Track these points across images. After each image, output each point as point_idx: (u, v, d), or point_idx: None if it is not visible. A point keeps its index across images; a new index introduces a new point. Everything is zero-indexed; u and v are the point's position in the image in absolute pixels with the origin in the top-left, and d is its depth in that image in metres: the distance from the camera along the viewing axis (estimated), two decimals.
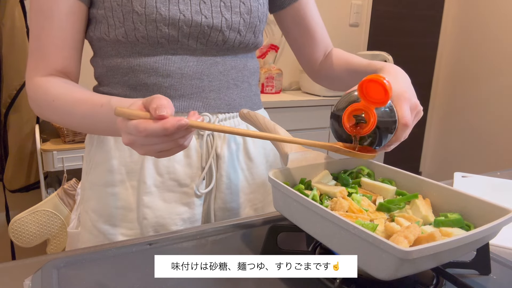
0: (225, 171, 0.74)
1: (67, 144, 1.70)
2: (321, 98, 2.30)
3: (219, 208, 0.76)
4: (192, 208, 0.72)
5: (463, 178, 0.93)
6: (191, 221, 0.73)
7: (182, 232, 0.62)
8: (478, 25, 2.92)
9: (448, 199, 0.52)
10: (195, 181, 0.71)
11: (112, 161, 0.70)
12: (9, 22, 1.67)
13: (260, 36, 0.76)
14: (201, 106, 0.71)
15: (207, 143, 0.72)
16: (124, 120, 0.48)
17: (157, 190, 0.70)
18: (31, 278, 0.49)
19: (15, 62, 1.70)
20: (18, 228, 1.63)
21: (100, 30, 0.67)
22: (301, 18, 0.82)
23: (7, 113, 1.73)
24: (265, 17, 0.76)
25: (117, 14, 0.64)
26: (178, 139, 0.49)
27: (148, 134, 0.46)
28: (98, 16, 0.66)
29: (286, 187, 0.51)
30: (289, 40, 0.87)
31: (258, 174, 0.79)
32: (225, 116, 0.74)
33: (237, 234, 0.62)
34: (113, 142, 0.70)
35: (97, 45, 0.70)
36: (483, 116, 2.92)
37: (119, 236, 0.71)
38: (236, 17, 0.69)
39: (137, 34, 0.64)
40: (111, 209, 0.71)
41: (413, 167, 3.37)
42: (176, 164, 0.70)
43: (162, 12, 0.63)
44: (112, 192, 0.70)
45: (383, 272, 0.40)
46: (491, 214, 0.46)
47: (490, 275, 0.52)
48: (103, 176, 0.71)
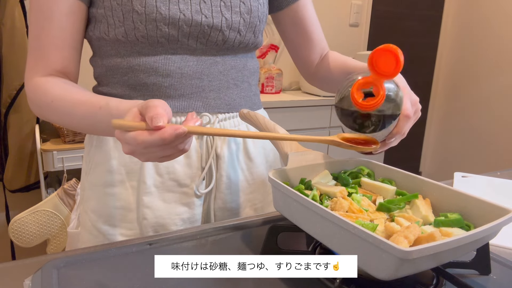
0: (225, 171, 0.74)
1: (67, 144, 1.70)
2: (321, 98, 2.30)
3: (219, 208, 0.76)
4: (192, 208, 0.72)
5: (463, 178, 0.93)
6: (191, 221, 0.73)
7: (182, 232, 0.62)
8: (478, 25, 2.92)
9: (448, 199, 0.52)
10: (195, 181, 0.71)
11: (112, 161, 0.70)
12: (9, 22, 1.67)
13: (260, 36, 0.76)
14: (200, 106, 0.71)
15: (207, 143, 0.72)
16: (122, 132, 0.47)
17: (157, 190, 0.70)
18: (31, 278, 0.49)
19: (15, 62, 1.70)
20: (18, 228, 1.63)
21: (100, 29, 0.66)
22: (299, 19, 0.82)
23: (7, 113, 1.73)
24: (265, 17, 0.76)
25: (117, 13, 0.64)
26: (177, 145, 0.49)
27: (147, 146, 0.46)
28: (97, 16, 0.66)
29: (286, 187, 0.51)
30: (286, 42, 0.87)
31: (258, 174, 0.79)
32: (225, 116, 0.74)
33: (237, 234, 0.62)
34: (113, 142, 0.70)
35: (97, 44, 0.70)
36: (483, 116, 2.92)
37: (118, 236, 0.71)
38: (236, 16, 0.69)
39: (137, 34, 0.64)
40: (111, 209, 0.71)
41: (413, 167, 3.37)
42: (176, 164, 0.70)
43: (162, 11, 0.63)
44: (112, 193, 0.70)
45: (383, 272, 0.40)
46: (491, 214, 0.46)
47: (490, 275, 0.52)
48: (103, 176, 0.71)
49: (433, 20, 3.12)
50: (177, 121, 0.69)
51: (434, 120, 3.32)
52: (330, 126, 2.34)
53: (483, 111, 2.93)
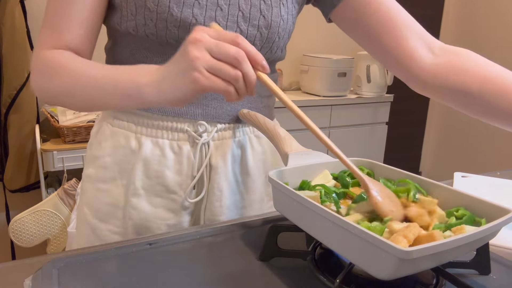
0: (217, 183, 0.71)
1: (67, 144, 1.70)
2: (321, 98, 2.30)
3: (208, 220, 0.73)
4: (178, 216, 0.71)
5: (463, 178, 0.93)
6: (176, 228, 0.71)
7: (182, 232, 0.62)
8: (478, 25, 2.92)
9: (448, 199, 0.52)
10: (184, 189, 0.70)
11: (107, 158, 0.70)
12: (9, 22, 1.67)
13: (279, 51, 0.71)
14: (199, 114, 0.68)
15: (201, 152, 0.69)
16: (203, 27, 0.49)
17: (145, 193, 0.69)
18: (31, 278, 0.49)
19: (15, 62, 1.70)
20: (18, 228, 1.63)
21: (114, 19, 0.65)
22: (365, 4, 0.65)
23: (7, 113, 1.73)
24: (287, 33, 0.70)
25: (130, 6, 0.62)
26: (246, 68, 0.49)
27: (220, 36, 0.48)
28: (115, 4, 0.64)
29: (286, 187, 0.51)
30: (367, 46, 0.69)
31: (254, 189, 0.75)
32: (224, 127, 0.71)
33: (237, 234, 0.62)
34: (110, 139, 0.70)
35: (109, 33, 0.70)
36: None
37: (105, 232, 0.70)
38: (253, 30, 0.65)
39: (147, 31, 0.62)
40: (101, 204, 0.71)
41: (413, 167, 3.37)
42: (166, 170, 0.68)
43: (174, 12, 0.61)
44: (103, 188, 0.71)
45: (383, 272, 0.40)
46: (491, 214, 0.46)
47: (490, 275, 0.52)
48: (97, 171, 0.71)
49: (433, 20, 3.12)
50: (173, 126, 0.68)
51: (434, 120, 3.32)
52: (330, 126, 2.34)
53: None
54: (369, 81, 2.45)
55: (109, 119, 0.71)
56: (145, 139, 0.68)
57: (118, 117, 0.70)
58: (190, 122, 0.68)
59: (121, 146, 0.69)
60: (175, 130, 0.68)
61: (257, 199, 0.77)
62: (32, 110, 1.76)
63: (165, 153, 0.68)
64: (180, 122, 0.68)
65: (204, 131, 0.69)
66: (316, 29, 2.56)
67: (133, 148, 0.69)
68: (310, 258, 0.53)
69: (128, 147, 0.69)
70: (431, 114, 3.32)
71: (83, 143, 1.71)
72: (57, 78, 0.60)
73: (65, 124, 1.69)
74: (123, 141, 0.69)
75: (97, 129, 0.74)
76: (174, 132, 0.68)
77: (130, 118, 0.69)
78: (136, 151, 0.68)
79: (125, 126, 0.69)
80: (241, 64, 0.48)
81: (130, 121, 0.69)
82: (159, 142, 0.68)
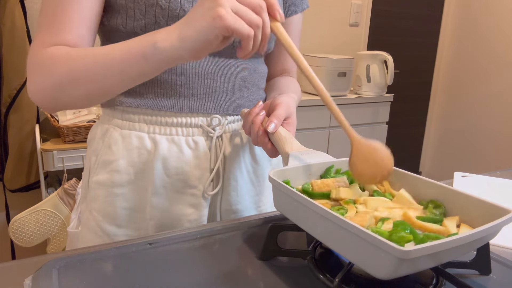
0: (232, 173, 0.74)
1: (67, 144, 1.70)
2: None
3: (225, 210, 0.75)
4: (199, 210, 0.72)
5: (463, 178, 0.93)
6: (197, 223, 0.72)
7: (182, 232, 0.62)
8: (478, 24, 2.92)
9: (448, 199, 0.52)
10: (203, 183, 0.71)
11: (120, 161, 0.69)
12: (9, 22, 1.67)
13: (273, 42, 0.78)
14: (212, 107, 0.71)
15: (216, 145, 0.71)
16: None
17: (165, 191, 0.70)
18: (31, 278, 0.49)
19: (15, 62, 1.70)
20: (18, 227, 1.63)
21: (116, 21, 0.65)
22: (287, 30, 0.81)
23: (7, 113, 1.73)
24: None
25: (139, 5, 0.62)
26: (263, 14, 0.50)
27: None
28: (116, 6, 0.64)
29: (286, 186, 0.51)
30: None
31: (263, 176, 0.79)
32: (234, 119, 0.74)
33: (237, 234, 0.62)
34: (121, 142, 0.69)
35: (108, 35, 0.69)
36: (483, 116, 2.92)
37: (124, 237, 0.70)
38: None
39: (157, 29, 0.61)
40: (118, 209, 0.70)
41: (413, 167, 3.38)
42: (185, 166, 0.70)
43: (186, 8, 0.62)
44: (119, 193, 0.70)
45: (382, 271, 0.40)
46: (491, 214, 0.46)
47: (490, 275, 0.52)
48: (110, 176, 0.70)
49: (433, 20, 3.12)
50: (188, 122, 0.69)
51: (434, 120, 3.32)
52: (330, 126, 2.34)
53: (483, 111, 2.93)
54: (369, 81, 2.45)
55: (115, 121, 0.70)
56: (160, 138, 0.69)
57: (127, 118, 0.70)
58: (203, 117, 0.70)
59: (135, 147, 0.69)
60: (190, 126, 0.70)
61: (267, 186, 0.80)
62: (32, 110, 1.76)
63: (182, 150, 0.69)
64: (194, 117, 0.69)
65: (217, 125, 0.71)
66: (316, 29, 2.56)
67: (149, 148, 0.69)
68: (310, 258, 0.53)
69: (143, 147, 0.69)
70: (431, 114, 3.32)
71: (83, 143, 1.71)
72: (57, 66, 0.58)
73: (65, 123, 1.69)
74: (136, 142, 0.69)
75: (102, 133, 0.72)
76: (189, 128, 0.70)
77: (142, 117, 0.69)
78: (152, 151, 0.69)
79: (136, 127, 0.69)
80: (263, 13, 0.50)
81: (141, 121, 0.69)
82: (175, 139, 0.69)
